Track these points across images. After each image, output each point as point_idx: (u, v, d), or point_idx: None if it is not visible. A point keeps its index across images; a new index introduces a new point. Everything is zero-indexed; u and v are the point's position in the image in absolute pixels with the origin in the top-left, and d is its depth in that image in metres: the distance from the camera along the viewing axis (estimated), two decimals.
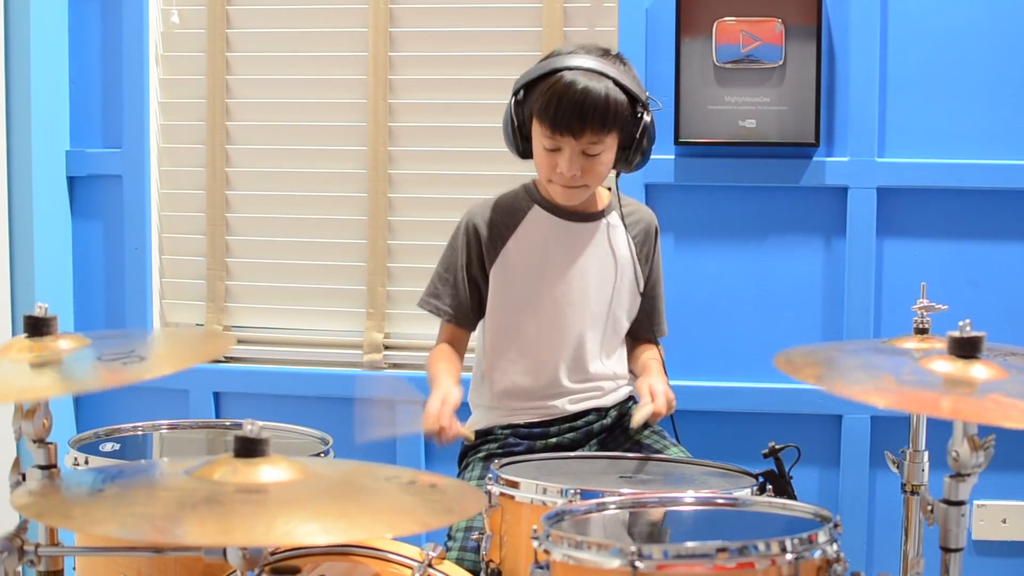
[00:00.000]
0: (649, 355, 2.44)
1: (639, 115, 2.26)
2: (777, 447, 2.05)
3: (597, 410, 2.41)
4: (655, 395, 2.22)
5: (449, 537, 2.18)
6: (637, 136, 2.27)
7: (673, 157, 2.84)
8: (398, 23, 3.01)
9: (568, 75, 2.22)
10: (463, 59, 3.00)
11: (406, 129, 3.02)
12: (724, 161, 2.83)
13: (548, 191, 2.37)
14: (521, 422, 2.39)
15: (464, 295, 2.39)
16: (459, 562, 2.07)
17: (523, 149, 2.33)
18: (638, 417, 2.21)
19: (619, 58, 2.30)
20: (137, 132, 3.07)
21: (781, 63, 2.77)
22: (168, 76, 3.12)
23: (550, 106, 2.22)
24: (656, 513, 1.79)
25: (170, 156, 3.14)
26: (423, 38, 3.01)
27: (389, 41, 3.00)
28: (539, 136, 2.27)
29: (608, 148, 2.26)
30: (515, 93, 2.30)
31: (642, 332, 2.48)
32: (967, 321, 1.64)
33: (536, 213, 2.40)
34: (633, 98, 2.25)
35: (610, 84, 2.22)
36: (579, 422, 2.39)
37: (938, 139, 2.78)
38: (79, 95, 3.12)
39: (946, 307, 2.13)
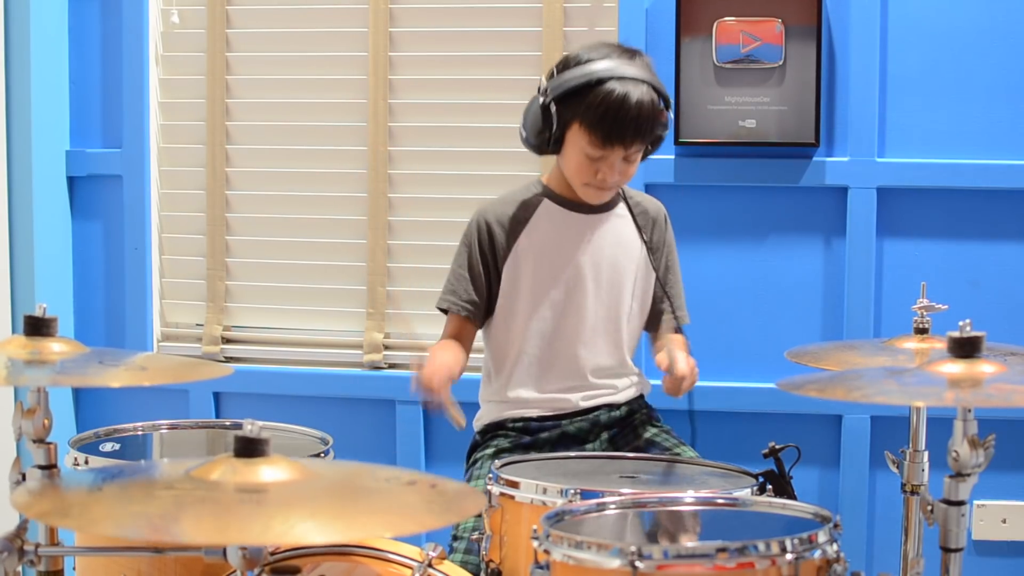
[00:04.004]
0: (671, 337, 2.43)
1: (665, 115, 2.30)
2: (777, 447, 2.05)
3: (609, 406, 2.41)
4: (676, 360, 2.18)
5: (455, 538, 2.18)
6: (661, 133, 2.31)
7: (673, 157, 2.84)
8: (398, 23, 3.01)
9: (618, 88, 2.21)
10: (463, 59, 3.00)
11: (406, 129, 3.02)
12: (724, 161, 2.83)
13: (576, 191, 2.36)
14: (533, 415, 2.39)
15: (481, 290, 2.40)
16: (464, 564, 2.07)
17: (550, 149, 2.32)
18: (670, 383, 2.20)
19: (642, 56, 2.32)
20: (137, 132, 3.07)
21: (781, 63, 2.77)
22: (168, 76, 3.12)
23: (605, 120, 2.22)
24: (678, 515, 1.79)
25: (170, 156, 3.14)
26: (423, 38, 3.01)
27: (389, 41, 3.00)
28: (582, 144, 2.26)
29: (643, 150, 2.31)
30: (551, 99, 2.26)
31: (664, 323, 2.48)
32: (967, 321, 1.64)
33: (546, 207, 2.40)
34: (664, 99, 2.28)
35: (652, 91, 2.25)
36: (589, 416, 2.40)
37: (938, 139, 2.78)
38: (79, 95, 3.12)
39: (946, 307, 2.13)
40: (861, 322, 2.79)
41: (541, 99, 2.27)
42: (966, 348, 1.62)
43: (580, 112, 2.24)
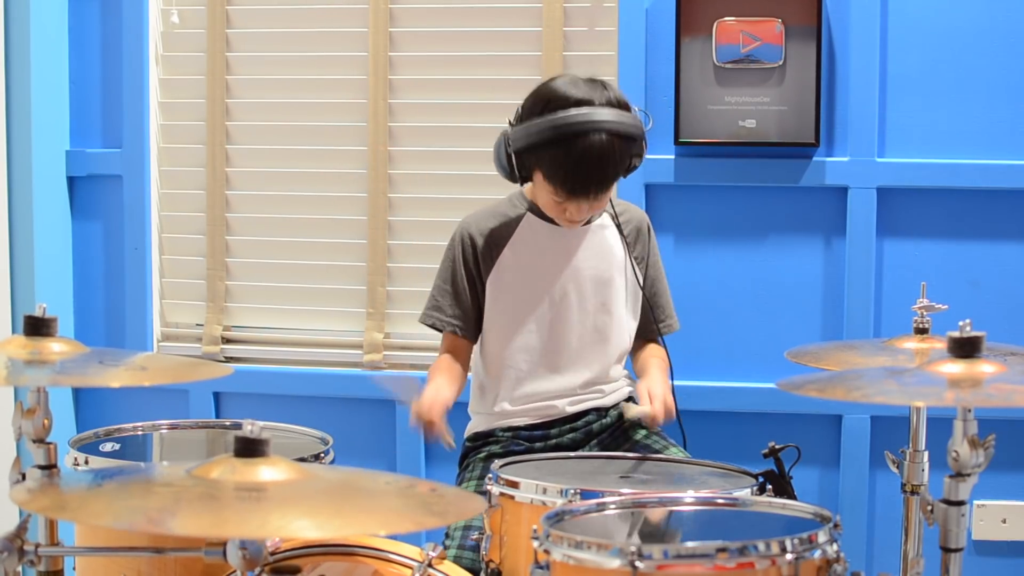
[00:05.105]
0: (651, 355, 2.45)
1: (638, 149, 2.27)
2: (777, 447, 2.05)
3: (597, 410, 2.41)
4: (653, 398, 2.24)
5: (447, 536, 2.18)
6: (634, 165, 2.29)
7: (673, 157, 2.84)
8: (398, 23, 3.01)
9: (577, 146, 2.17)
10: (463, 59, 3.00)
11: (406, 129, 3.02)
12: (724, 161, 2.83)
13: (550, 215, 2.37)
14: (522, 424, 2.39)
15: (467, 305, 2.40)
16: (456, 560, 2.07)
17: (521, 181, 2.31)
18: (633, 411, 2.26)
19: (607, 89, 2.24)
20: (137, 132, 3.07)
21: (781, 63, 2.77)
22: (168, 76, 3.12)
23: (567, 180, 2.20)
24: (662, 513, 1.79)
25: (170, 156, 3.14)
26: (423, 38, 3.01)
27: (389, 41, 3.00)
28: (548, 191, 2.26)
29: (613, 188, 2.31)
30: (513, 150, 2.24)
31: (647, 332, 2.49)
32: (967, 321, 1.64)
33: (529, 220, 2.40)
34: (634, 135, 2.24)
35: (616, 141, 2.19)
36: (579, 422, 2.40)
37: (938, 139, 2.78)
38: (79, 95, 3.12)
39: (946, 307, 2.13)
40: (861, 322, 2.79)
41: (504, 146, 2.26)
42: (966, 348, 1.62)
43: (542, 165, 2.23)
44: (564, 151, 2.19)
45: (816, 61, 2.75)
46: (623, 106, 2.24)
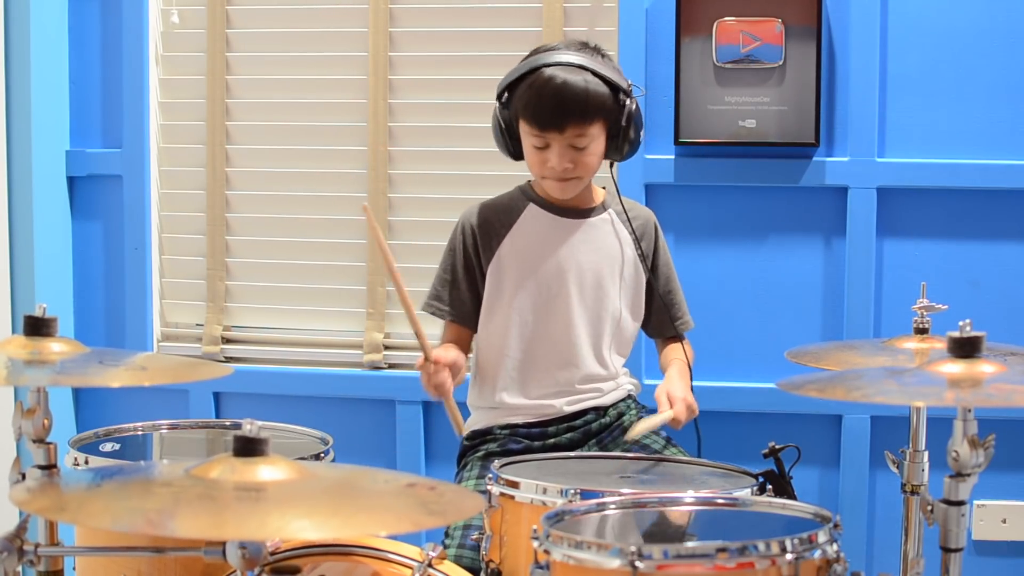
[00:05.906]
0: (673, 355, 2.46)
1: (622, 103, 2.28)
2: (777, 447, 2.05)
3: (596, 409, 2.41)
4: (673, 401, 2.24)
5: (446, 535, 2.18)
6: (623, 123, 2.29)
7: (673, 157, 2.84)
8: (398, 23, 3.01)
9: (547, 71, 2.25)
10: (463, 59, 3.00)
11: (406, 129, 3.02)
12: (724, 161, 2.83)
13: (543, 187, 2.38)
14: (519, 422, 2.39)
15: (466, 295, 2.40)
16: (457, 560, 2.07)
17: (514, 150, 2.36)
18: (639, 428, 2.22)
19: (596, 50, 2.33)
20: (137, 132, 3.07)
21: (781, 63, 2.77)
22: (168, 76, 3.12)
23: (531, 104, 2.26)
24: (677, 515, 1.79)
25: (170, 156, 3.14)
26: (423, 38, 3.01)
27: (389, 41, 3.00)
28: (527, 135, 2.31)
29: (595, 139, 2.29)
30: (498, 96, 2.33)
31: (665, 330, 2.50)
32: (967, 321, 1.64)
33: (532, 211, 2.40)
34: (613, 86, 2.27)
35: (588, 75, 2.25)
36: (577, 422, 2.40)
37: (938, 139, 2.78)
38: (79, 95, 3.12)
39: (946, 307, 2.13)
40: (861, 322, 2.79)
41: (496, 112, 2.34)
42: (966, 348, 1.62)
43: (519, 105, 2.29)
44: (532, 80, 2.26)
45: (816, 61, 2.75)
46: (607, 65, 2.29)
